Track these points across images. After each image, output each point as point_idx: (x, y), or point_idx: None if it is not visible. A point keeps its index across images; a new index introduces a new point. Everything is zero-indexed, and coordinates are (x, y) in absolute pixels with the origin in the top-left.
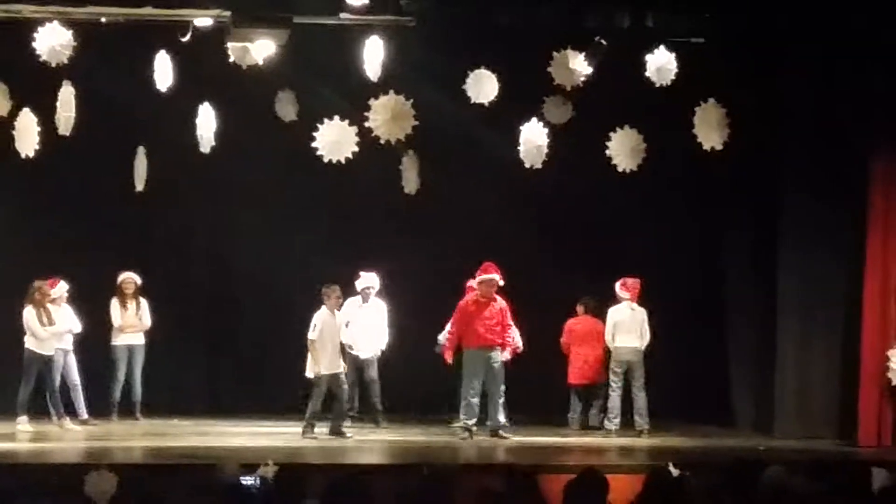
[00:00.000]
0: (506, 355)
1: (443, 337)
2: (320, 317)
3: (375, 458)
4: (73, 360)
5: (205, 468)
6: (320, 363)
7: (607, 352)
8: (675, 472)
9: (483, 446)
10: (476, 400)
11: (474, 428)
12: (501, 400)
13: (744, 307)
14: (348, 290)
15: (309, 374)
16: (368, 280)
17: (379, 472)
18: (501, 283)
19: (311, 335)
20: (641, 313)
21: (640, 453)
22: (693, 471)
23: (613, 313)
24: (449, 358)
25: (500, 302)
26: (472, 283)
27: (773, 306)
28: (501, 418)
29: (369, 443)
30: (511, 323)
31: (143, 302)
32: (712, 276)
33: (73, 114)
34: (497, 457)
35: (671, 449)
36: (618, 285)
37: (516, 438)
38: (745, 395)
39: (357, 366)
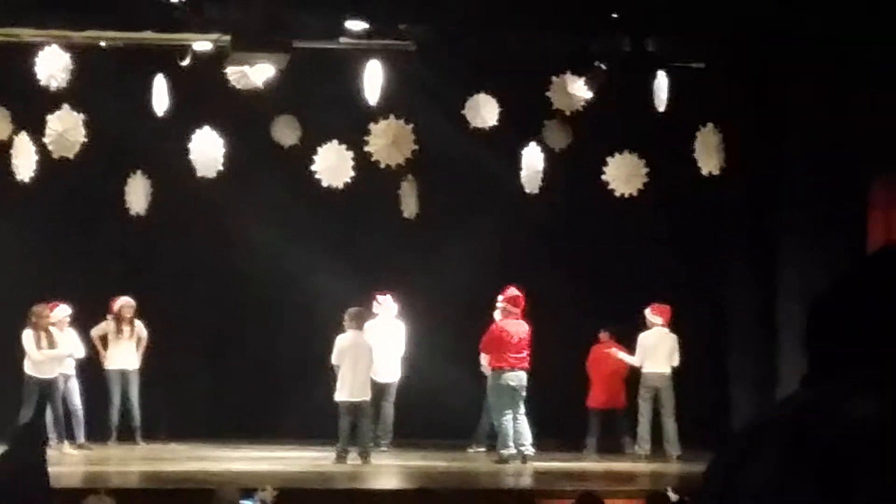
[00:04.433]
0: None
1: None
2: (340, 341)
3: (375, 484)
4: (74, 385)
5: (203, 493)
6: (340, 389)
7: (630, 377)
8: (673, 497)
9: (487, 471)
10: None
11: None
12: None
13: (744, 330)
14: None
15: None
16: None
17: (378, 497)
18: (500, 304)
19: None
20: (672, 338)
21: (639, 478)
22: (691, 496)
23: (644, 338)
24: None
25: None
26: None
27: (774, 329)
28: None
29: (370, 468)
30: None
31: (139, 324)
32: (711, 301)
33: (80, 138)
34: (500, 482)
35: (670, 474)
36: (648, 310)
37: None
38: (745, 418)
39: (375, 391)
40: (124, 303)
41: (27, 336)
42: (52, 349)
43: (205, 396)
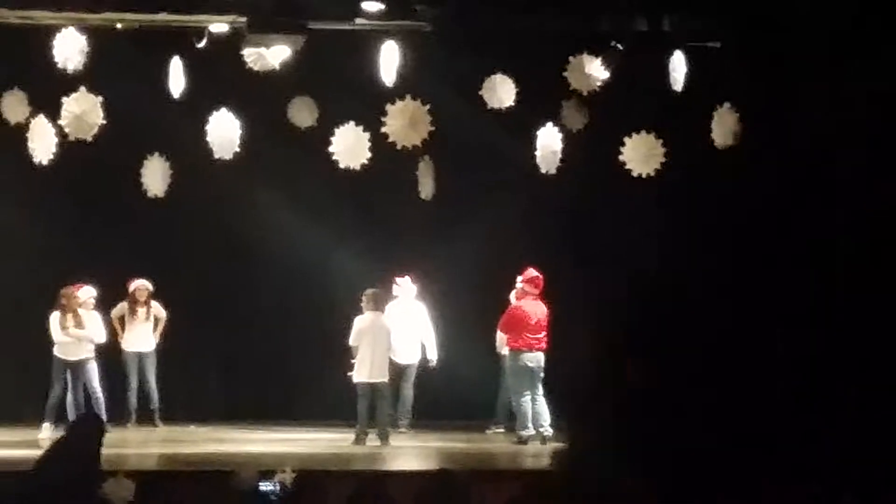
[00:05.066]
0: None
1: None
2: (359, 322)
3: (394, 465)
4: (93, 368)
5: (222, 475)
6: (359, 370)
7: None
8: None
9: (506, 452)
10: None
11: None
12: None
13: None
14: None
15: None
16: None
17: (397, 478)
18: (519, 285)
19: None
20: None
21: None
22: None
23: None
24: None
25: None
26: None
27: None
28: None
29: (389, 448)
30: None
31: (157, 305)
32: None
33: (97, 120)
34: (519, 463)
35: None
36: None
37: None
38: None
39: (395, 372)
40: (139, 285)
41: (53, 318)
42: (79, 329)
43: (224, 378)
